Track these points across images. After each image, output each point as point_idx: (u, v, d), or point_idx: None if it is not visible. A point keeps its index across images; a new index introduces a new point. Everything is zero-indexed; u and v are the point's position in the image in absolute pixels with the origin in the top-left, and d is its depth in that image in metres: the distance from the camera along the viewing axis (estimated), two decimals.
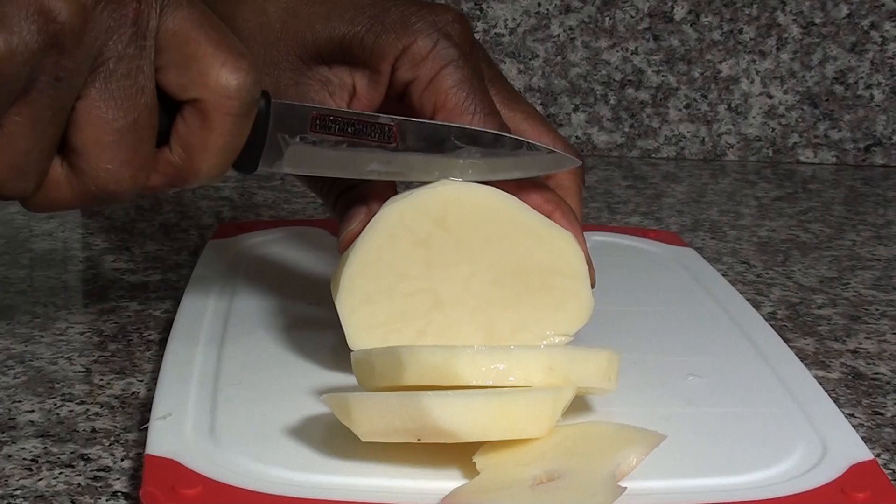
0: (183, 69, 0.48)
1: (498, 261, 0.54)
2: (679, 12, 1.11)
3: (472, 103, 0.55)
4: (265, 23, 0.56)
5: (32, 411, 0.53)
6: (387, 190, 0.55)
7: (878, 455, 0.51)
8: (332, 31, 0.56)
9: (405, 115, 0.55)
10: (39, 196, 0.48)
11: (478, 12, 1.10)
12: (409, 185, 0.55)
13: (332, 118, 0.53)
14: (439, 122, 0.54)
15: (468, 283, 0.54)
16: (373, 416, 0.45)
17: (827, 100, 1.13)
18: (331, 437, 0.48)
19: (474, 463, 0.45)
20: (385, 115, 0.54)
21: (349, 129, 0.53)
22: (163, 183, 0.50)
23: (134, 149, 0.48)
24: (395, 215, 0.53)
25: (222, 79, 0.48)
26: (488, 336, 0.54)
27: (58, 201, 0.49)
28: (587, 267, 0.55)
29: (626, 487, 0.43)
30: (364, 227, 0.54)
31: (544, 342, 0.54)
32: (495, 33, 1.10)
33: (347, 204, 0.56)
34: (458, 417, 0.44)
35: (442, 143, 0.54)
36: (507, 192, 0.54)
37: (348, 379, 0.52)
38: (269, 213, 0.88)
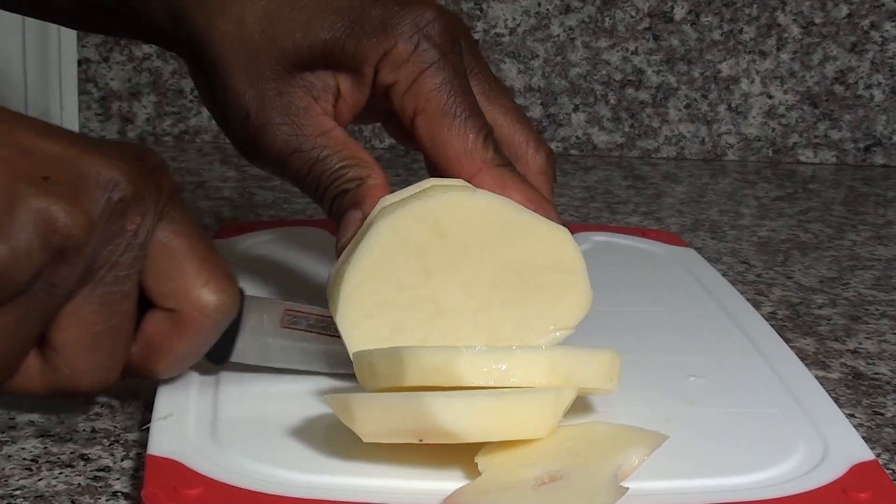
0: (165, 280, 0.49)
1: (495, 263, 0.54)
2: (679, 12, 1.11)
3: (454, 106, 0.55)
4: (244, 34, 0.56)
5: (32, 411, 0.53)
6: (380, 192, 0.55)
7: (878, 455, 0.51)
8: (312, 38, 0.56)
9: (389, 117, 0.56)
10: (8, 383, 0.49)
11: (478, 12, 1.10)
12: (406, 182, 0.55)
13: (302, 314, 0.54)
14: None
15: (467, 287, 0.54)
16: (374, 417, 0.45)
17: (827, 100, 1.13)
18: (332, 437, 0.48)
19: (476, 463, 0.45)
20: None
21: (320, 326, 0.54)
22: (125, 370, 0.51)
23: (109, 352, 0.48)
24: (389, 229, 0.52)
25: (203, 297, 0.49)
26: (491, 336, 0.54)
27: (26, 390, 0.49)
28: (583, 260, 0.55)
29: (628, 488, 0.43)
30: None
31: (547, 337, 0.54)
32: (495, 33, 1.10)
33: (342, 207, 0.56)
34: (459, 418, 0.44)
35: None
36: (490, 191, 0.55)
37: (349, 379, 0.52)
38: (269, 213, 0.88)
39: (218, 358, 0.53)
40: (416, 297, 0.53)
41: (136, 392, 0.55)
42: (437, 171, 0.57)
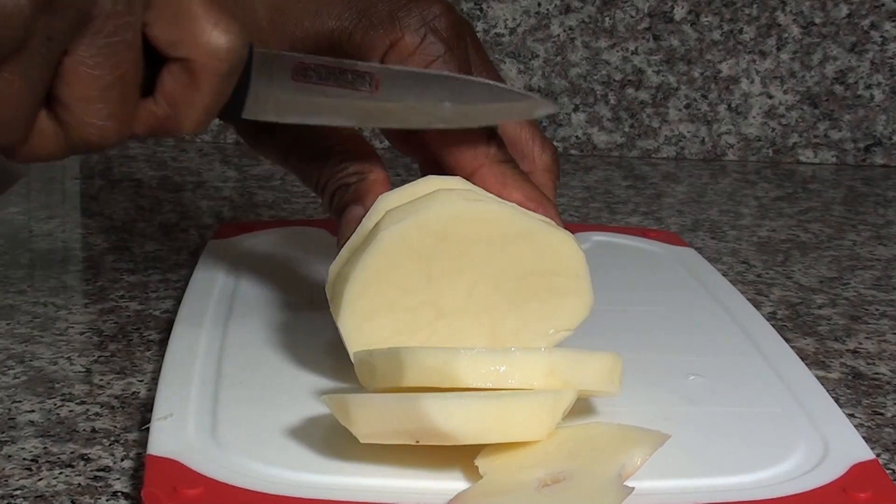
0: (173, 27, 0.48)
1: (500, 268, 0.54)
2: (679, 12, 1.11)
3: None
4: (253, 20, 0.56)
5: (32, 411, 0.53)
6: (381, 187, 0.55)
7: (878, 455, 0.51)
8: (320, 27, 0.56)
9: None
10: (26, 148, 0.49)
11: (478, 12, 1.10)
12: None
13: (313, 66, 0.53)
14: (421, 71, 0.54)
15: (470, 292, 0.53)
16: (371, 418, 0.45)
17: (827, 100, 1.13)
18: (332, 437, 0.48)
19: (476, 466, 0.45)
20: (366, 64, 0.54)
21: (331, 78, 0.53)
22: (146, 133, 0.51)
23: (119, 103, 0.48)
24: (396, 236, 0.52)
25: (213, 40, 0.49)
26: (492, 338, 0.54)
27: (44, 152, 0.49)
28: (586, 264, 0.55)
29: (633, 488, 0.43)
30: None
31: (546, 338, 0.54)
32: (495, 33, 1.10)
33: (343, 202, 0.56)
34: (456, 420, 0.44)
35: (423, 94, 0.54)
36: (489, 191, 0.55)
37: (349, 379, 0.52)
38: (269, 213, 0.88)
39: (230, 115, 0.52)
40: (418, 301, 0.53)
41: (136, 392, 0.55)
42: (436, 167, 0.57)
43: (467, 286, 0.53)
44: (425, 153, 0.59)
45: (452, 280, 0.53)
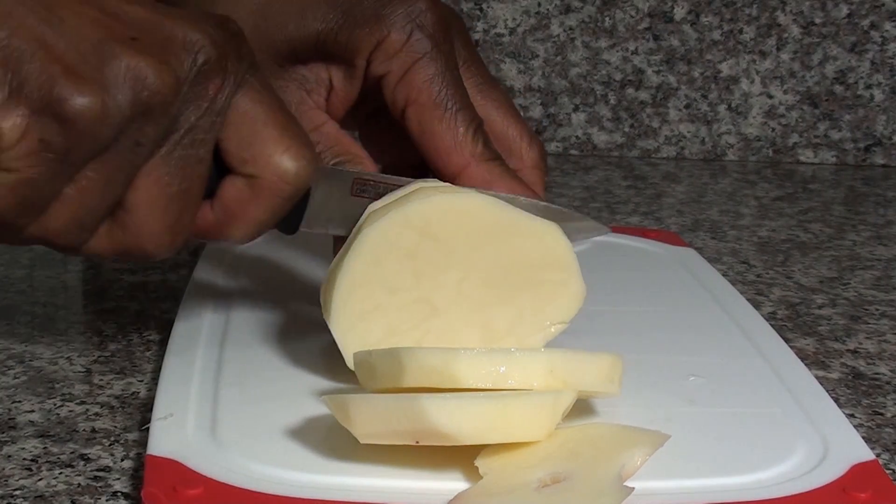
0: (246, 146, 0.49)
1: (487, 262, 0.54)
2: (679, 12, 1.11)
3: (445, 98, 0.55)
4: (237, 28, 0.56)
5: (32, 411, 0.53)
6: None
7: (878, 455, 0.51)
8: (305, 30, 0.56)
9: (379, 109, 0.56)
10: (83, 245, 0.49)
11: (478, 12, 1.10)
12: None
13: (371, 182, 0.54)
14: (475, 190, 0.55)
15: (460, 287, 0.53)
16: (371, 418, 0.45)
17: (827, 100, 1.13)
18: (332, 437, 0.48)
19: (476, 466, 0.45)
20: (421, 181, 0.54)
21: (388, 193, 0.54)
22: (195, 237, 0.51)
23: (179, 215, 0.49)
24: (377, 233, 0.52)
25: (283, 164, 0.49)
26: (486, 334, 0.54)
27: (95, 252, 0.49)
28: (574, 255, 0.55)
29: (633, 488, 0.43)
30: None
31: (542, 333, 0.54)
32: (495, 33, 1.10)
33: None
34: (455, 420, 0.44)
35: None
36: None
37: (349, 379, 0.52)
38: None
39: (288, 227, 0.53)
40: (408, 299, 0.53)
41: (136, 392, 0.55)
42: (426, 165, 0.57)
43: (456, 281, 0.53)
44: (394, 159, 0.59)
45: (440, 276, 0.53)
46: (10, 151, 0.44)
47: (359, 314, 0.52)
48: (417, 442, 0.45)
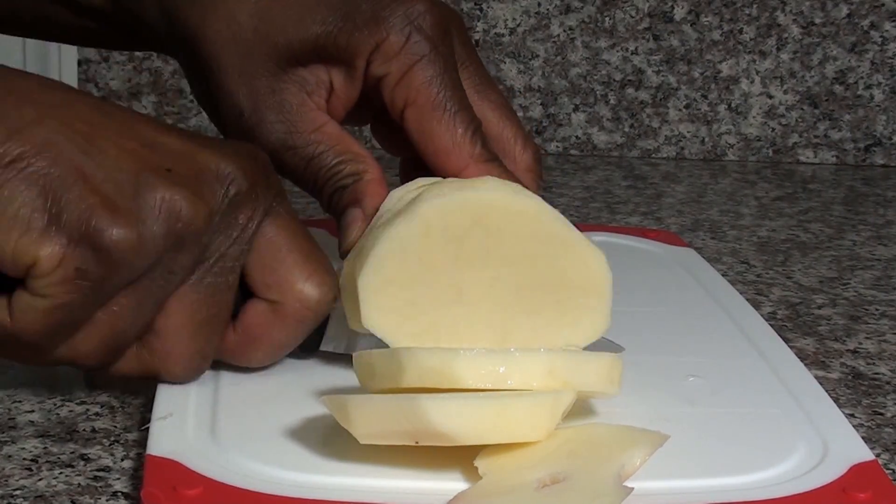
0: (270, 272, 0.51)
1: (526, 269, 0.53)
2: (679, 12, 1.11)
3: (444, 100, 0.56)
4: (237, 32, 0.56)
5: (32, 411, 0.53)
6: (378, 187, 0.56)
7: (878, 455, 0.51)
8: (305, 33, 0.56)
9: (379, 111, 0.57)
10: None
11: (478, 12, 1.10)
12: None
13: None
14: None
15: (492, 284, 0.53)
16: (370, 419, 0.45)
17: (827, 100, 1.13)
18: (332, 437, 0.48)
19: (476, 466, 0.45)
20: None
21: None
22: (216, 357, 0.52)
23: (206, 340, 0.50)
24: (435, 211, 0.52)
25: (306, 290, 0.51)
26: (500, 337, 0.53)
27: (122, 373, 0.51)
28: (611, 286, 0.55)
29: (633, 488, 0.43)
30: (361, 233, 0.54)
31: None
32: (495, 33, 1.10)
33: (342, 204, 0.56)
34: (455, 420, 0.44)
35: None
36: None
37: (350, 379, 0.52)
38: None
39: (307, 347, 0.54)
40: (440, 279, 0.52)
41: (137, 392, 0.55)
42: (423, 166, 0.57)
43: (490, 278, 0.53)
44: (410, 152, 0.59)
45: (477, 268, 0.53)
46: (45, 278, 0.46)
47: (389, 278, 0.52)
48: (417, 442, 0.45)
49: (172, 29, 0.57)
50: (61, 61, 1.08)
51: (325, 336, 0.54)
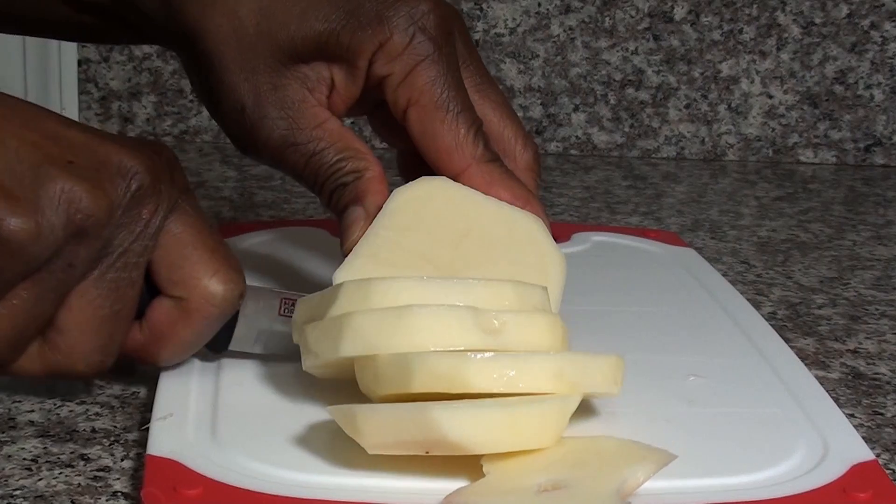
0: (175, 269, 0.51)
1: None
2: (679, 12, 1.11)
3: (447, 100, 0.56)
4: (238, 27, 0.56)
5: (32, 411, 0.53)
6: (379, 184, 0.56)
7: (878, 455, 0.51)
8: (307, 30, 0.56)
9: (374, 110, 0.57)
10: (11, 365, 0.50)
11: (478, 12, 1.10)
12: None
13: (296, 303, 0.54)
14: None
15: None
16: (380, 429, 0.45)
17: (827, 100, 1.13)
18: (333, 437, 0.48)
19: (481, 466, 0.45)
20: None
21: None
22: (122, 355, 0.52)
23: (110, 336, 0.50)
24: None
25: (211, 287, 0.51)
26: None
27: (24, 371, 0.50)
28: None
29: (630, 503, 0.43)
30: (364, 233, 0.54)
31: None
32: (495, 33, 1.10)
33: (343, 203, 0.56)
34: (467, 430, 0.44)
35: None
36: (477, 190, 0.56)
37: (349, 379, 0.52)
38: (269, 213, 0.88)
39: (217, 346, 0.54)
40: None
41: (136, 392, 0.55)
42: (420, 160, 0.57)
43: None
44: (407, 144, 0.59)
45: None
46: None
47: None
48: (428, 452, 0.45)
49: (172, 22, 0.57)
50: (61, 61, 1.08)
51: (235, 335, 0.54)
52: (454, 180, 0.56)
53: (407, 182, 0.57)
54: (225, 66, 0.56)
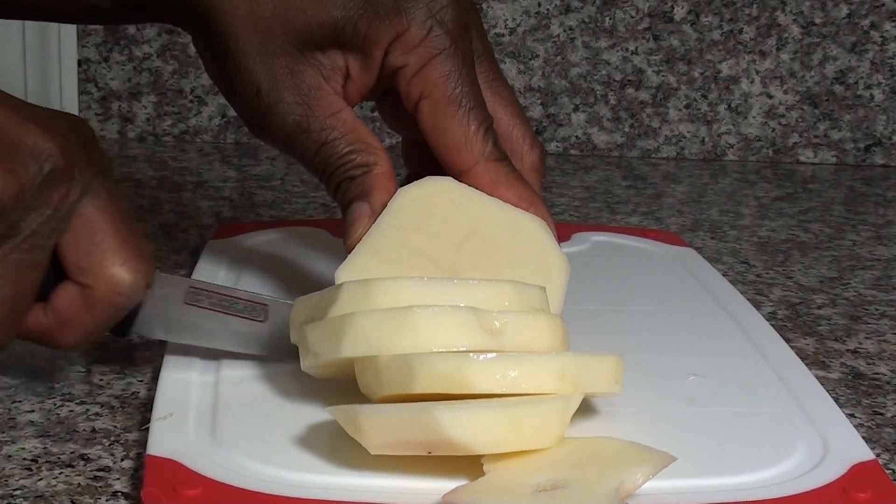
0: (84, 255, 0.50)
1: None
2: (679, 12, 1.11)
3: (460, 96, 0.56)
4: (255, 9, 0.56)
5: (32, 411, 0.53)
6: (387, 181, 0.55)
7: (878, 455, 0.51)
8: (324, 16, 0.56)
9: (394, 99, 0.57)
10: None
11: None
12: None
13: (205, 291, 0.54)
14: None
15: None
16: (382, 430, 0.45)
17: (827, 100, 1.13)
18: (333, 437, 0.48)
19: (481, 464, 0.45)
20: (257, 294, 0.55)
21: (221, 304, 0.54)
22: (23, 337, 0.51)
23: (7, 317, 0.49)
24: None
25: (118, 275, 0.50)
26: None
27: None
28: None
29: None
30: (367, 230, 0.54)
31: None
32: (495, 33, 1.10)
33: (349, 197, 0.56)
34: (469, 430, 0.44)
35: None
36: (482, 189, 0.56)
37: (349, 379, 0.52)
38: (269, 213, 0.88)
39: (119, 331, 0.53)
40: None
41: (136, 392, 0.55)
42: (426, 150, 0.57)
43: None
44: (413, 133, 0.59)
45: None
46: None
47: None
48: (430, 452, 0.45)
49: (187, 2, 0.57)
50: (61, 61, 1.08)
51: (137, 320, 0.53)
52: (461, 176, 0.56)
53: (410, 170, 0.57)
54: (241, 48, 0.56)
